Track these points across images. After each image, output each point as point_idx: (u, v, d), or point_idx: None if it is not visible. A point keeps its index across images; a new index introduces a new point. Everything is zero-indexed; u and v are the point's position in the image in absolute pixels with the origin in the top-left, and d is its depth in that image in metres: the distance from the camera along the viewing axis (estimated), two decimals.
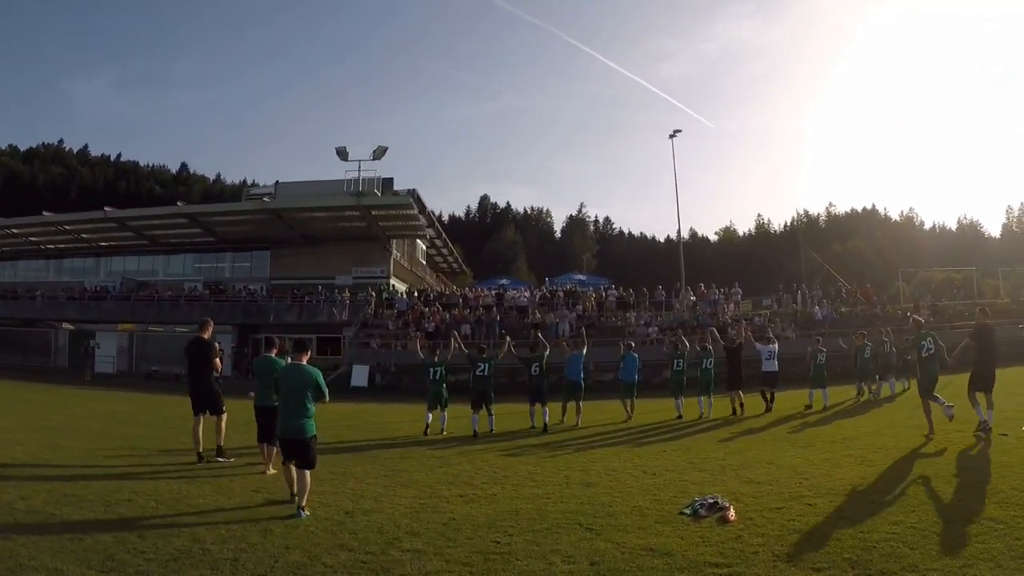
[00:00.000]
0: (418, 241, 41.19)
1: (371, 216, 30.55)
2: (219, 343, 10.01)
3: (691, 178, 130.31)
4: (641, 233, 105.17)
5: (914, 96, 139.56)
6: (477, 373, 11.73)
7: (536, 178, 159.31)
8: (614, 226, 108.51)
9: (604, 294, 30.36)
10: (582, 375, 12.79)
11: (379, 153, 30.28)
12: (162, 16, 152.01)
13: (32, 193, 75.79)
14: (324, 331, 29.75)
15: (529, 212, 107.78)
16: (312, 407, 6.16)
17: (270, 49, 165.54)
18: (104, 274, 37.33)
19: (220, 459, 8.60)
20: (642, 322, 26.96)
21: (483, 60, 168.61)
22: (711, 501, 5.75)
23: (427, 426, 11.59)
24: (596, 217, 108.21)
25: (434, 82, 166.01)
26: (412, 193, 33.40)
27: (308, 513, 5.90)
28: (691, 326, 26.75)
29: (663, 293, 29.93)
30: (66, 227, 36.01)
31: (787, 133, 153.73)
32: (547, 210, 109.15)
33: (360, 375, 24.11)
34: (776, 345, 14.37)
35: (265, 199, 33.27)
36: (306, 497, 6.02)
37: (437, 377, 11.79)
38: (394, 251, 34.33)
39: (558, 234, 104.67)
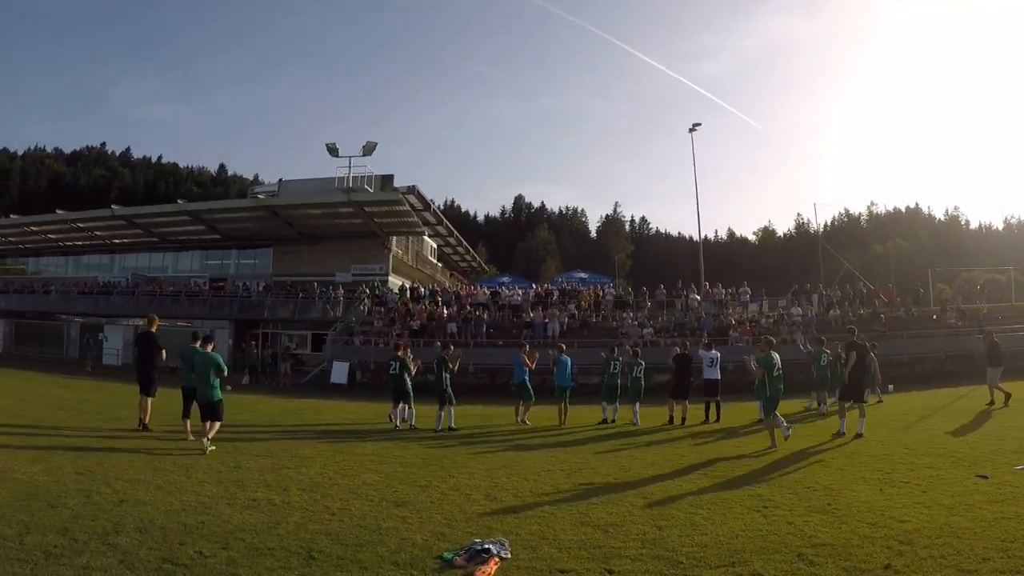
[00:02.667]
0: (426, 238, 40.73)
1: (365, 213, 30.24)
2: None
3: (730, 177, 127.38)
4: (679, 233, 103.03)
5: (963, 91, 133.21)
6: (390, 372, 12.66)
7: (573, 178, 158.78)
8: (650, 226, 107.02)
9: (602, 292, 29.19)
10: (526, 377, 13.34)
11: (368, 149, 29.79)
12: (203, 18, 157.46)
13: (75, 194, 78.85)
14: (318, 327, 29.67)
15: (564, 212, 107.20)
16: (215, 380, 9.23)
17: (304, 51, 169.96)
18: (118, 270, 38.30)
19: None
20: (637, 323, 25.77)
21: (521, 60, 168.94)
22: (480, 548, 4.62)
23: (391, 417, 12.75)
24: (632, 217, 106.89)
25: (472, 83, 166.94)
26: (412, 189, 32.80)
27: (214, 448, 8.71)
28: (691, 328, 25.49)
29: (664, 292, 28.64)
30: (79, 225, 37.03)
31: (830, 130, 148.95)
32: (582, 210, 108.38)
33: (340, 372, 23.71)
34: (717, 352, 13.93)
35: (260, 196, 33.30)
36: (212, 433, 9.01)
37: (393, 372, 12.74)
38: (395, 248, 33.95)
39: (593, 234, 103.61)
